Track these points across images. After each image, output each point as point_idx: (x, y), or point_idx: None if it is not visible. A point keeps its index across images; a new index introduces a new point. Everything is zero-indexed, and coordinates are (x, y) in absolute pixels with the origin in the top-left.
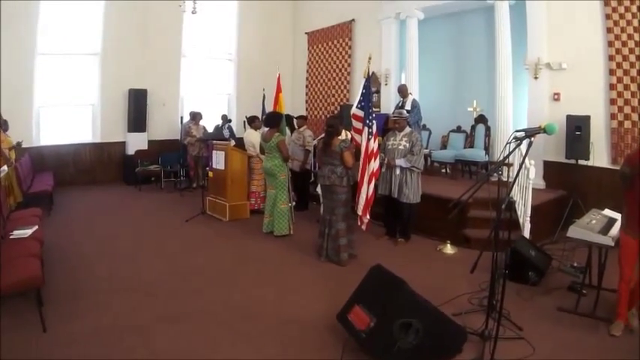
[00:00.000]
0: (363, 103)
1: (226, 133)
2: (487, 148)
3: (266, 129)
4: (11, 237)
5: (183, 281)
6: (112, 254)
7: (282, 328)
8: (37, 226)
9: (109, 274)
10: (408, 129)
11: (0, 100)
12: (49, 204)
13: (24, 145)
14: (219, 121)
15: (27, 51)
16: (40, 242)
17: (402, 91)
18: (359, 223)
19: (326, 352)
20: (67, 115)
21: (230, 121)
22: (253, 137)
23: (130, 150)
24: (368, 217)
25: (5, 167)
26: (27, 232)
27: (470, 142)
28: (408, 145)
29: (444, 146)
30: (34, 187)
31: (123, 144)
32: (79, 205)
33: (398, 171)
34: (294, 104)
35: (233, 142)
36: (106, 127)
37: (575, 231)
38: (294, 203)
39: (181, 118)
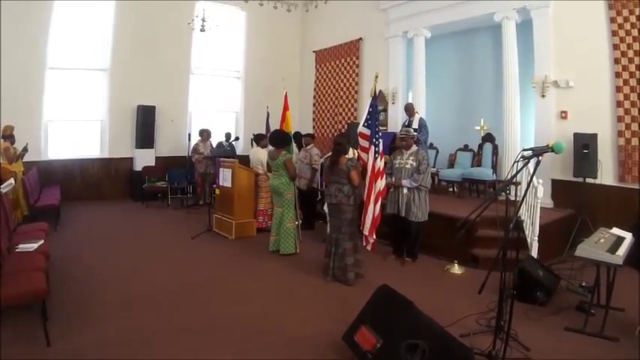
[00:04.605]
0: (369, 122)
1: (229, 150)
2: (495, 167)
3: (271, 148)
4: (17, 250)
5: (189, 297)
6: (118, 269)
7: (286, 346)
8: (43, 240)
9: (115, 289)
10: (414, 147)
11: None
12: (55, 218)
13: (32, 159)
14: (223, 139)
15: (37, 65)
16: (46, 256)
17: (409, 109)
18: (364, 244)
19: None
20: (75, 129)
21: (237, 139)
22: (260, 154)
23: (138, 166)
24: (374, 237)
25: (12, 180)
26: (33, 246)
27: (477, 160)
28: (414, 163)
29: (451, 165)
30: (41, 201)
31: (130, 160)
32: (86, 220)
33: (405, 190)
34: (301, 122)
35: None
36: (113, 143)
37: (583, 250)
38: (300, 222)
39: (189, 135)
